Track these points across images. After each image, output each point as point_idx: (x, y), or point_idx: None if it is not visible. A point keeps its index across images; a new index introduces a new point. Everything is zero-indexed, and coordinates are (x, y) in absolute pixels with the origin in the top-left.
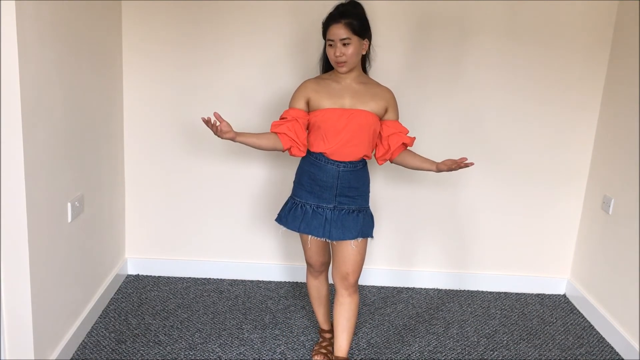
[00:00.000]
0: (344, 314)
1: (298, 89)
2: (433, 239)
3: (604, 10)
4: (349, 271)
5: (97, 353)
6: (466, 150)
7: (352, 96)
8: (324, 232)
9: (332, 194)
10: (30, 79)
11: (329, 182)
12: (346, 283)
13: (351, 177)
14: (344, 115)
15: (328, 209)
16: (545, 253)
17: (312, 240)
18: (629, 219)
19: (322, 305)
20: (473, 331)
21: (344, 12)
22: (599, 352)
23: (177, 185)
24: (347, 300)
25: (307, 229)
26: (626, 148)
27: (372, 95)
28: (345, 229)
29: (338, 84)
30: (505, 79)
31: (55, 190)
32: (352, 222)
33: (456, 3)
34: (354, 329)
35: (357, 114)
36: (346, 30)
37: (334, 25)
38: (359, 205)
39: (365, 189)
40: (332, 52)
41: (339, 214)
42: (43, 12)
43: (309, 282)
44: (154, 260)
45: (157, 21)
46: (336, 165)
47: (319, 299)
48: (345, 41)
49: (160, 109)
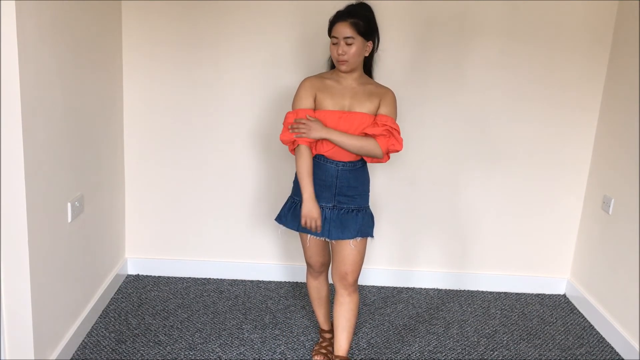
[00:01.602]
0: (344, 313)
1: (303, 87)
2: (433, 239)
3: (604, 10)
4: (348, 271)
5: (97, 353)
6: (466, 150)
7: (351, 97)
8: (323, 231)
9: (331, 193)
10: (30, 79)
11: (328, 181)
12: (345, 282)
13: (350, 177)
14: (342, 118)
15: (327, 208)
16: (545, 253)
17: (311, 240)
18: (629, 219)
19: (322, 305)
20: (473, 331)
21: (352, 12)
22: (599, 352)
23: (177, 185)
24: (346, 300)
25: (307, 228)
26: (626, 148)
27: (368, 95)
28: (344, 228)
29: (339, 84)
30: (505, 79)
31: (55, 190)
32: (352, 222)
33: (456, 3)
34: (354, 329)
35: (353, 117)
36: (351, 30)
37: (340, 23)
38: (358, 204)
39: (365, 189)
40: (335, 50)
41: (338, 213)
42: (43, 12)
43: (308, 282)
44: (154, 260)
45: (157, 21)
46: (335, 164)
47: (319, 299)
48: (349, 40)
49: (160, 109)
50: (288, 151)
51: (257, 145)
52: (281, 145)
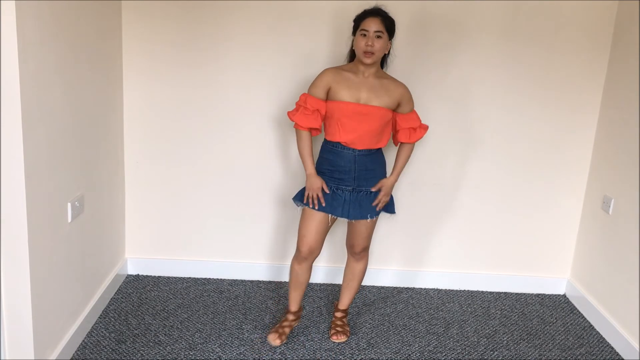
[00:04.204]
0: (348, 275)
1: (320, 76)
2: (433, 239)
3: (604, 10)
4: (360, 243)
5: (97, 353)
6: (466, 150)
7: (368, 90)
8: (342, 211)
9: (351, 177)
10: (30, 79)
11: (347, 166)
12: (354, 252)
13: (367, 160)
14: (359, 111)
15: (347, 190)
16: (546, 253)
17: (316, 221)
18: (629, 219)
19: (297, 289)
20: (473, 331)
21: (381, 11)
22: (599, 352)
23: (177, 185)
24: (353, 264)
25: (329, 208)
26: (626, 148)
27: (386, 90)
28: (362, 209)
29: (357, 76)
30: (505, 79)
31: (55, 190)
32: (369, 202)
33: (456, 3)
34: (356, 289)
35: (372, 110)
36: (381, 25)
37: (371, 18)
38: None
39: (382, 171)
40: (364, 42)
41: (357, 195)
42: (43, 12)
43: (292, 266)
44: (154, 260)
45: (157, 21)
46: (352, 151)
47: (297, 283)
48: (378, 34)
49: (160, 109)
50: (289, 152)
51: (257, 146)
52: (281, 145)
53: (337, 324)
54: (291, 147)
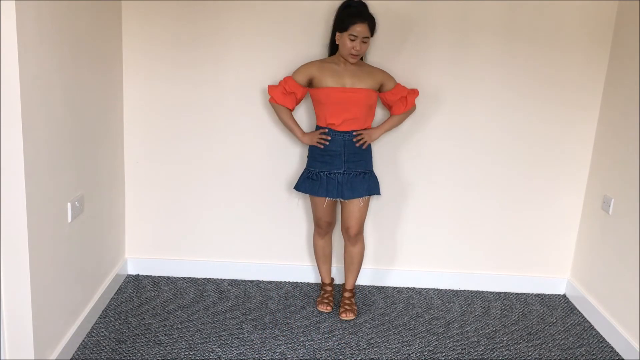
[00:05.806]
0: (348, 259)
1: (304, 65)
2: (433, 239)
3: (604, 10)
4: (353, 225)
5: (97, 353)
6: (466, 150)
7: (351, 76)
8: (337, 193)
9: (341, 160)
10: (30, 79)
11: (338, 150)
12: (349, 235)
13: (356, 145)
14: (345, 93)
15: (339, 173)
16: (545, 253)
17: (327, 202)
18: (629, 219)
19: (325, 262)
20: (473, 331)
21: (366, 14)
22: (599, 352)
23: (177, 185)
24: (350, 249)
25: (325, 192)
26: (626, 148)
27: (368, 73)
28: (354, 189)
29: (339, 66)
30: (505, 79)
31: (55, 190)
32: (360, 183)
33: (456, 3)
34: (358, 270)
35: (357, 92)
36: (369, 31)
37: (361, 24)
38: (364, 168)
39: (368, 154)
40: (352, 45)
41: (348, 177)
42: (43, 12)
43: (315, 242)
44: (154, 260)
45: (157, 21)
46: (342, 135)
47: (324, 256)
48: (365, 40)
49: (160, 109)
50: (288, 152)
51: (257, 146)
52: (281, 146)
53: (346, 303)
54: (291, 147)
